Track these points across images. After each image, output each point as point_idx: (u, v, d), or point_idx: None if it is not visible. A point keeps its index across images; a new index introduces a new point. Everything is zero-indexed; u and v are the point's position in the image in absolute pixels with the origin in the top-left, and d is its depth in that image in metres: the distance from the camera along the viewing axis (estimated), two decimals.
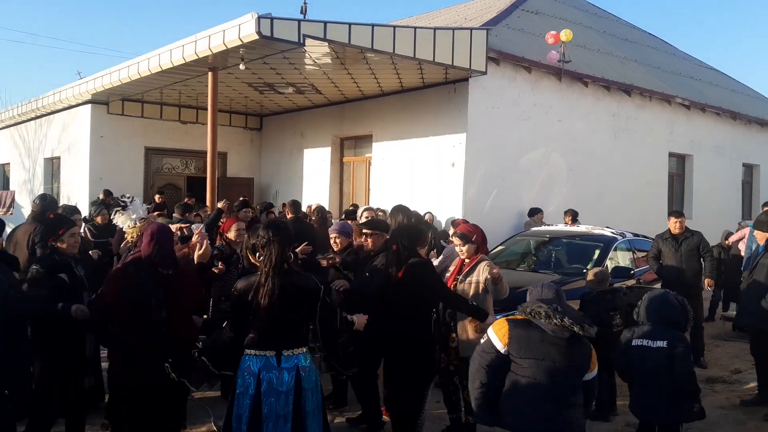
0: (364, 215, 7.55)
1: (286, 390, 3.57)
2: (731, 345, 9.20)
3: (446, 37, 10.46)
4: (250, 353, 3.65)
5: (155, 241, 4.05)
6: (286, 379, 3.58)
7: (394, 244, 4.79)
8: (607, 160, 14.07)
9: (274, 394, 3.56)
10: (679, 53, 20.90)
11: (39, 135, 17.74)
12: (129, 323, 3.93)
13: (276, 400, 3.56)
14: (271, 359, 3.61)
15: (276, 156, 16.96)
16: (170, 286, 4.04)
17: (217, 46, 9.47)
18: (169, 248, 4.19)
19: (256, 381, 3.57)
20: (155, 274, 4.00)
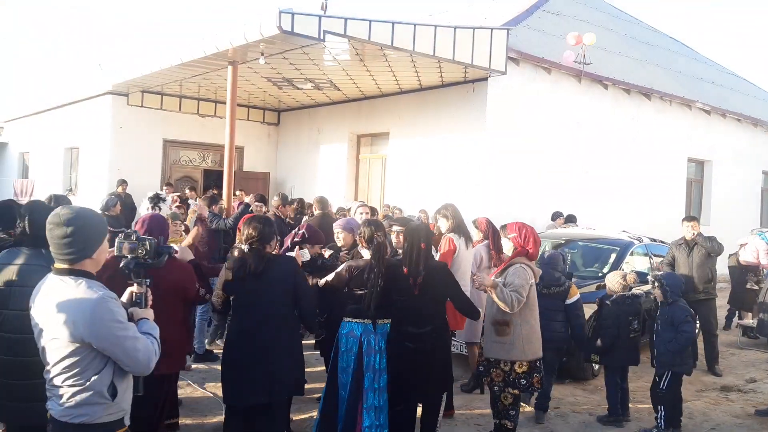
0: (358, 211, 7.48)
1: (380, 350, 4.66)
2: (746, 353, 9.11)
3: (466, 36, 10.42)
4: (353, 321, 4.71)
5: (146, 230, 4.01)
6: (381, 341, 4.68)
7: (423, 243, 4.68)
8: (625, 164, 13.97)
9: (371, 352, 4.63)
10: (700, 58, 20.70)
11: (59, 125, 17.91)
12: None
13: (372, 357, 4.62)
14: (369, 326, 4.67)
15: (292, 151, 17.00)
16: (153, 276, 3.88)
17: (238, 40, 9.51)
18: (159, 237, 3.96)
19: (359, 342, 4.65)
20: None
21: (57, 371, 2.56)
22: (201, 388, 6.37)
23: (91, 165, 15.73)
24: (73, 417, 2.56)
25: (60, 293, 2.58)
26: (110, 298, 2.62)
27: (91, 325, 2.52)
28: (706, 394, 7.06)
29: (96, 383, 2.57)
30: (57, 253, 2.65)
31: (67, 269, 2.64)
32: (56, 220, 2.63)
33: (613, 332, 5.81)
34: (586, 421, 5.97)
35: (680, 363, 5.52)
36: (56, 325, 2.53)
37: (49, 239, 2.65)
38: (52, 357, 2.57)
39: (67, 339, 2.52)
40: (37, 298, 2.68)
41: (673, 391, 5.51)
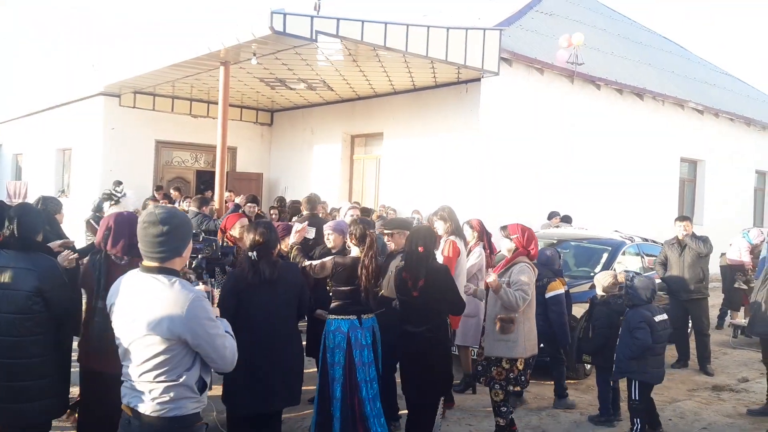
0: (349, 213, 7.44)
1: (367, 344, 4.77)
2: (739, 353, 9.13)
3: (459, 37, 10.42)
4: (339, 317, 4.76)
5: (106, 227, 3.91)
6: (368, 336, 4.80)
7: (422, 246, 4.69)
8: (617, 164, 13.98)
9: (359, 347, 4.73)
10: (693, 58, 20.76)
11: (51, 126, 17.84)
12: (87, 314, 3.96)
13: (361, 352, 4.73)
14: (355, 321, 4.74)
15: (286, 152, 16.98)
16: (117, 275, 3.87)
17: (230, 41, 9.49)
18: (122, 234, 3.87)
19: (346, 338, 4.71)
20: (107, 262, 3.84)
21: (148, 367, 2.61)
22: None
23: (84, 166, 15.67)
24: (166, 411, 2.62)
25: (155, 292, 2.64)
26: (203, 296, 2.70)
27: (189, 323, 2.59)
28: (698, 393, 7.07)
29: (187, 379, 2.65)
30: (149, 251, 2.70)
31: (157, 267, 2.69)
32: (151, 219, 2.68)
33: (604, 332, 5.81)
34: (577, 421, 5.97)
35: (637, 370, 5.38)
36: (152, 323, 2.58)
37: (142, 237, 2.70)
38: (143, 354, 2.61)
39: (163, 336, 2.58)
40: (120, 296, 2.73)
41: (646, 402, 5.45)
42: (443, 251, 6.22)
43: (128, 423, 2.70)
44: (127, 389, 2.70)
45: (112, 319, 2.76)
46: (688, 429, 5.88)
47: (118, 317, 2.72)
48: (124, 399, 2.71)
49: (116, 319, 2.72)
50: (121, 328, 2.69)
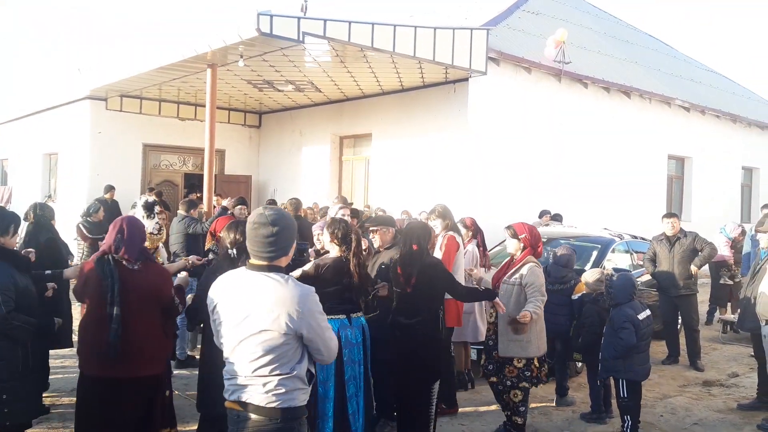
0: (339, 213, 7.43)
1: (357, 342, 4.74)
2: (728, 348, 9.17)
3: (446, 37, 10.43)
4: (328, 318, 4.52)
5: (117, 231, 3.88)
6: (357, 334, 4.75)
7: (415, 244, 4.73)
8: (606, 162, 14.04)
9: (349, 345, 4.68)
10: (679, 55, 20.89)
11: (37, 131, 17.69)
12: (90, 320, 3.87)
13: (351, 350, 4.69)
14: (345, 321, 4.69)
15: (275, 154, 16.93)
16: (134, 281, 3.85)
17: (217, 43, 9.45)
18: (134, 239, 3.93)
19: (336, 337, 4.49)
20: (118, 268, 3.82)
21: (264, 362, 2.71)
22: (182, 394, 6.30)
23: (70, 171, 15.55)
24: (280, 403, 2.73)
25: (270, 289, 2.75)
26: (314, 291, 2.84)
27: (305, 318, 2.73)
28: (689, 389, 7.10)
29: (299, 371, 2.79)
30: (258, 250, 2.80)
31: (266, 266, 2.81)
32: (262, 220, 2.79)
33: (594, 330, 5.83)
34: (569, 418, 5.98)
35: (623, 369, 5.37)
36: (270, 319, 2.70)
37: (252, 237, 2.80)
38: (258, 349, 2.71)
39: (281, 331, 2.70)
40: (227, 295, 2.83)
41: (635, 399, 5.47)
42: (441, 247, 6.23)
43: (237, 417, 2.79)
44: (234, 385, 2.79)
45: (215, 318, 2.85)
46: (680, 425, 5.90)
47: (225, 315, 2.81)
48: (232, 396, 2.80)
49: (223, 317, 2.82)
50: (230, 325, 2.78)
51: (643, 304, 5.67)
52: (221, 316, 2.83)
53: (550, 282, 6.09)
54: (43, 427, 5.37)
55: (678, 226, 8.11)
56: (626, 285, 5.49)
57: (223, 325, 2.82)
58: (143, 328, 3.88)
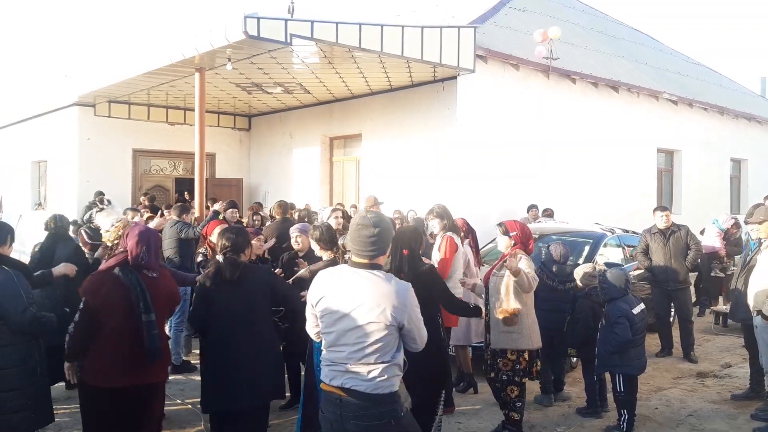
0: (332, 216, 7.47)
1: None
2: (721, 339, 9.24)
3: (434, 36, 10.44)
4: None
5: (143, 243, 3.97)
6: None
7: (406, 249, 4.68)
8: (595, 157, 14.10)
9: None
10: (666, 49, 21.00)
11: (25, 138, 17.59)
12: (116, 330, 3.87)
13: None
14: None
15: (265, 156, 16.90)
16: (154, 288, 4.01)
17: (204, 47, 9.42)
18: (157, 251, 4.15)
19: None
20: (141, 277, 3.97)
21: (370, 351, 2.97)
22: (179, 399, 6.28)
23: (60, 178, 15.47)
24: (384, 388, 2.99)
25: (374, 285, 3.02)
26: (410, 287, 3.10)
27: (406, 310, 3.01)
28: (683, 381, 7.14)
29: (397, 358, 3.05)
30: (360, 250, 3.07)
31: (368, 264, 3.08)
32: (365, 222, 3.09)
33: (588, 324, 5.86)
34: (565, 413, 6.02)
35: (619, 363, 5.41)
36: (376, 312, 2.96)
37: (356, 238, 3.08)
38: (364, 339, 2.96)
39: (386, 323, 2.96)
40: (332, 291, 3.08)
41: (632, 393, 5.50)
42: (440, 248, 6.23)
43: (340, 402, 3.02)
44: (337, 372, 3.03)
45: (320, 312, 3.10)
46: (675, 417, 5.94)
47: (330, 308, 3.06)
48: (333, 381, 3.04)
49: (328, 310, 3.07)
50: (335, 317, 3.03)
51: (637, 298, 5.70)
52: (326, 310, 3.08)
53: (558, 281, 6.26)
54: None
55: (670, 218, 8.16)
56: (619, 279, 5.52)
57: (328, 318, 3.07)
58: (162, 334, 4.08)
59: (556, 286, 6.25)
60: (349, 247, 3.14)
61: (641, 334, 5.54)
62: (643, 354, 5.58)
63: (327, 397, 3.10)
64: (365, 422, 2.99)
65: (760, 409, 5.95)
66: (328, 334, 3.08)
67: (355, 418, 2.99)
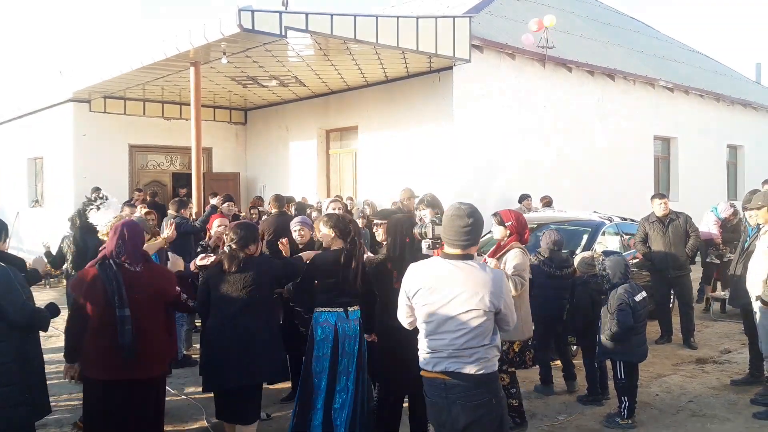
0: (330, 207, 7.46)
1: (353, 335, 4.75)
2: (720, 325, 9.27)
3: (429, 26, 10.40)
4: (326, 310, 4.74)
5: (118, 236, 4.02)
6: (354, 327, 4.76)
7: (408, 237, 4.60)
8: (592, 145, 14.10)
9: (346, 338, 4.71)
10: (661, 36, 20.96)
11: (21, 135, 17.53)
12: (98, 324, 3.94)
13: (347, 342, 4.71)
14: (342, 314, 4.72)
15: (262, 150, 16.87)
16: (137, 283, 3.99)
17: (199, 41, 9.38)
18: (136, 243, 4.12)
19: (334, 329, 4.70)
20: (121, 271, 3.98)
21: (472, 335, 3.13)
22: (182, 394, 6.29)
23: (56, 175, 15.43)
24: (486, 369, 3.16)
25: (473, 274, 3.17)
26: (504, 275, 3.31)
27: (502, 296, 3.18)
28: (683, 367, 7.17)
29: (495, 341, 3.23)
30: (454, 239, 3.20)
31: (461, 254, 3.21)
32: (460, 213, 3.20)
33: (586, 312, 5.87)
34: (566, 402, 6.04)
35: (621, 351, 5.42)
36: (476, 299, 3.12)
37: (450, 228, 3.19)
38: (466, 325, 3.13)
39: (485, 309, 3.13)
40: (429, 281, 3.21)
41: (632, 380, 5.51)
42: None
43: (444, 386, 3.18)
44: (439, 358, 3.18)
45: (418, 301, 3.22)
46: (675, 403, 5.97)
47: (429, 299, 3.19)
48: (436, 367, 3.19)
49: (426, 300, 3.19)
50: (435, 307, 3.17)
51: (638, 285, 5.71)
52: (424, 301, 3.20)
53: (555, 267, 6.26)
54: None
55: (668, 206, 8.17)
56: (619, 265, 5.53)
57: (427, 308, 3.20)
58: (151, 329, 4.04)
59: (553, 272, 6.26)
60: (443, 237, 3.28)
61: (642, 322, 5.55)
62: (644, 342, 5.60)
63: (430, 383, 3.24)
64: (471, 402, 3.15)
65: (760, 393, 5.97)
66: (428, 324, 3.21)
67: (460, 399, 3.16)
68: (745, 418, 5.59)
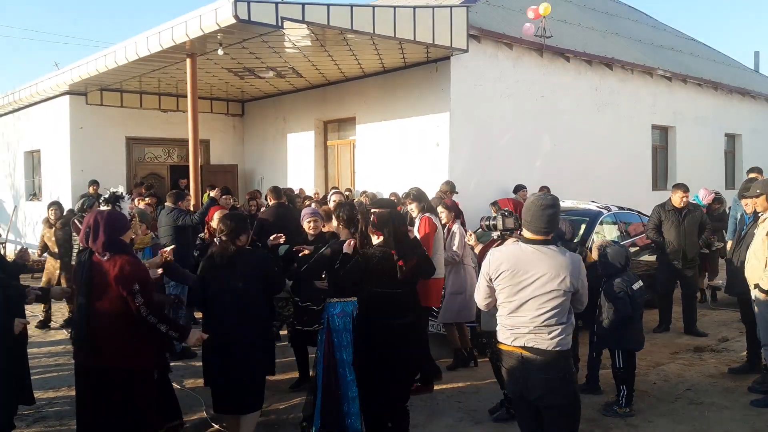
0: (332, 199, 7.49)
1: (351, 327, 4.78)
2: (718, 313, 9.30)
3: (426, 16, 10.36)
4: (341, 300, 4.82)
5: (87, 225, 4.01)
6: None
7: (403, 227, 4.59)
8: (590, 135, 14.08)
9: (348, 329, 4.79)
10: (659, 25, 20.90)
11: (18, 128, 17.48)
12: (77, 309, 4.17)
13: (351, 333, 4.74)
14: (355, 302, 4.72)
15: (259, 141, 16.84)
16: (98, 270, 3.93)
17: (194, 32, 9.33)
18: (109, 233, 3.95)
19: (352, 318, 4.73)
20: (90, 259, 4.00)
21: (552, 314, 3.43)
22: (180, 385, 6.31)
23: (54, 168, 15.39)
24: (563, 346, 3.45)
25: (555, 258, 3.47)
26: (580, 258, 3.62)
27: (580, 277, 3.51)
28: (681, 356, 7.20)
29: (571, 319, 3.52)
30: (538, 226, 3.50)
31: (542, 240, 3.51)
32: (545, 202, 3.51)
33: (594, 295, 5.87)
34: None
35: (617, 340, 5.45)
36: (558, 281, 3.43)
37: (535, 215, 3.49)
38: (547, 305, 3.42)
39: (566, 290, 3.44)
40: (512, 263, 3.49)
41: (631, 369, 5.53)
42: (419, 229, 6.26)
43: (521, 359, 3.48)
44: (518, 334, 3.48)
45: (501, 282, 3.51)
46: (673, 391, 5.99)
47: (512, 280, 3.47)
48: (515, 342, 3.50)
49: (510, 282, 3.48)
50: (518, 288, 3.47)
51: (635, 274, 5.72)
52: (508, 282, 3.49)
53: None
54: (40, 425, 5.38)
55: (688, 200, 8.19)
56: (620, 255, 5.54)
57: (510, 289, 3.49)
58: (106, 319, 3.92)
59: None
60: (525, 224, 3.54)
61: (640, 311, 5.57)
62: (641, 330, 5.62)
63: (509, 355, 3.56)
64: (546, 375, 3.44)
65: (757, 381, 6.00)
66: (510, 303, 3.50)
67: (537, 372, 3.45)
68: (742, 405, 5.62)
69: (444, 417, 5.45)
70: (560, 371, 3.46)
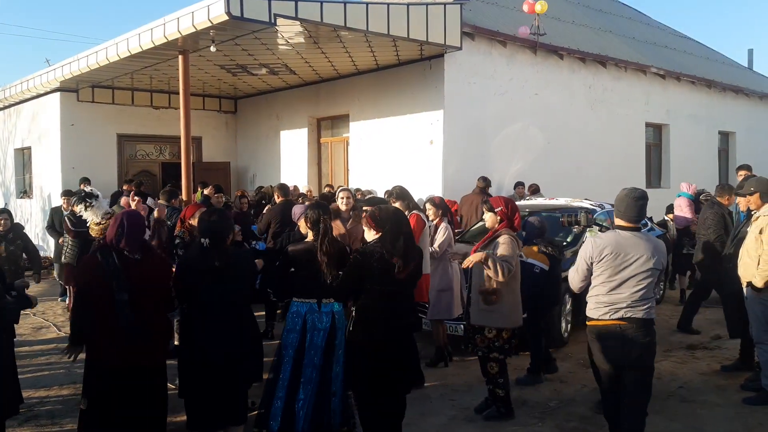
0: (340, 196, 7.49)
1: (323, 327, 4.68)
2: (711, 311, 9.30)
3: (420, 13, 10.33)
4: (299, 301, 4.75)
5: (119, 224, 4.06)
6: (324, 320, 4.69)
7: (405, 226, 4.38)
8: (584, 132, 14.08)
9: (314, 330, 4.67)
10: (653, 23, 20.92)
11: (8, 125, 17.36)
12: (98, 307, 3.96)
13: (315, 335, 4.67)
14: (314, 305, 4.69)
15: (252, 139, 16.77)
16: (135, 270, 4.01)
17: (187, 28, 9.25)
18: (135, 232, 4.12)
19: (302, 321, 4.69)
20: (120, 258, 4.00)
21: (646, 289, 4.13)
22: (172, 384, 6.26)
23: (45, 165, 15.29)
24: (650, 315, 4.17)
25: (648, 242, 4.17)
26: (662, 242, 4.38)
27: (665, 258, 4.31)
28: (673, 353, 7.20)
29: (656, 293, 4.15)
30: (632, 215, 4.18)
31: (633, 227, 4.20)
32: (638, 195, 4.17)
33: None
34: (557, 388, 6.06)
35: None
36: (653, 261, 4.11)
37: (630, 205, 4.16)
38: (644, 281, 4.11)
39: (658, 268, 4.15)
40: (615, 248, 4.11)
41: None
42: None
43: (620, 329, 4.13)
44: (618, 308, 4.12)
45: (603, 264, 4.13)
46: (666, 389, 5.99)
47: (615, 262, 4.10)
48: (613, 316, 4.14)
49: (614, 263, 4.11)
50: (619, 269, 4.10)
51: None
52: (610, 263, 4.11)
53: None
54: (32, 425, 5.34)
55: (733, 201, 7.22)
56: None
57: (612, 270, 4.11)
58: (151, 315, 4.06)
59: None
60: (618, 214, 4.20)
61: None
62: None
63: (606, 329, 4.16)
64: (642, 339, 4.11)
65: (750, 379, 6.01)
66: (610, 282, 4.11)
67: (634, 338, 4.10)
68: (735, 403, 5.63)
69: (437, 415, 5.44)
70: (648, 336, 4.14)
